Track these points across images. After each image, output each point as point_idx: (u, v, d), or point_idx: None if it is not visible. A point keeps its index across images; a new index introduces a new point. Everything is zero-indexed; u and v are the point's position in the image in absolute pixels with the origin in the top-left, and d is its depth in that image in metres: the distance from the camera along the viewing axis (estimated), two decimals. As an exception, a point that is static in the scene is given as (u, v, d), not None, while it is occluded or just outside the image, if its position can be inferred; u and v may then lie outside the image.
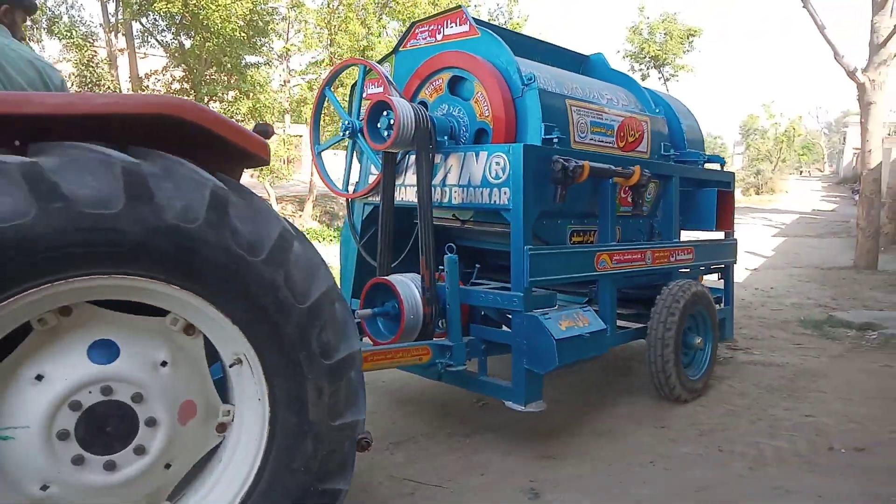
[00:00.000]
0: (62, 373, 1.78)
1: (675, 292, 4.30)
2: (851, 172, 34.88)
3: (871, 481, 3.22)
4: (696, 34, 28.24)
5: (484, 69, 3.79)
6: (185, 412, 1.96)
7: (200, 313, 1.93)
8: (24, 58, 2.62)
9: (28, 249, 1.60)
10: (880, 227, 12.11)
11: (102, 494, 1.86)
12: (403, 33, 4.47)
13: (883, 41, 10.66)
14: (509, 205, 3.47)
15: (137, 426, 1.88)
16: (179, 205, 1.78)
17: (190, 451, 2.02)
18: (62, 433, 1.77)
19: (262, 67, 17.12)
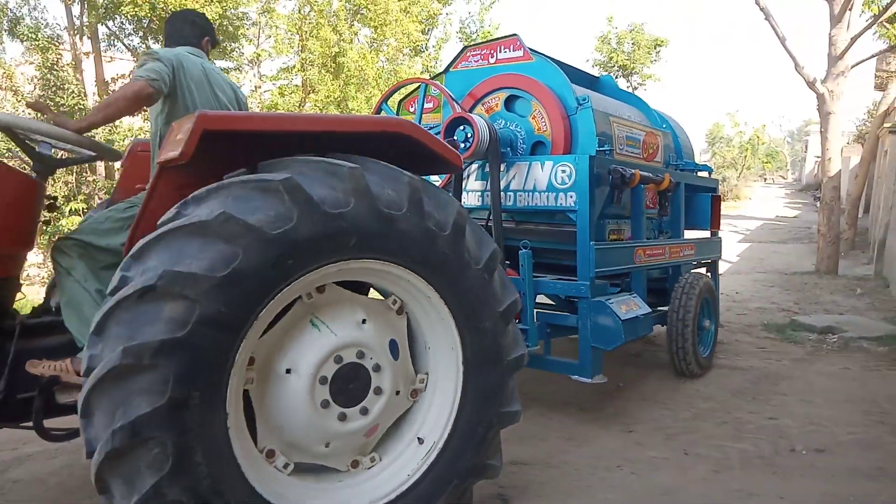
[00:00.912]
0: (337, 329, 2.30)
1: (691, 282, 5.04)
2: (813, 180, 35.82)
3: (831, 482, 3.30)
4: (663, 44, 28.73)
5: (542, 90, 4.38)
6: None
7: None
8: (225, 79, 3.07)
9: (296, 246, 2.02)
10: (840, 232, 12.43)
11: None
12: (455, 56, 5.00)
13: (840, 53, 10.98)
14: (576, 206, 4.01)
15: (368, 390, 2.34)
16: (389, 199, 2.20)
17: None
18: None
19: (232, 72, 16.91)
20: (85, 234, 2.65)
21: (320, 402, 2.23)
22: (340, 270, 2.23)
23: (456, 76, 4.90)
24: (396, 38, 21.27)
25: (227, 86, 3.07)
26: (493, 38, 4.92)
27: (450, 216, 2.39)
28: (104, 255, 2.61)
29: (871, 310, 8.18)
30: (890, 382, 5.07)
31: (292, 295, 2.16)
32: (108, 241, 2.63)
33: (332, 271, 2.20)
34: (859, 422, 4.17)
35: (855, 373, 5.36)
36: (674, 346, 4.93)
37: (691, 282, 5.04)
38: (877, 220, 13.29)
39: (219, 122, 2.07)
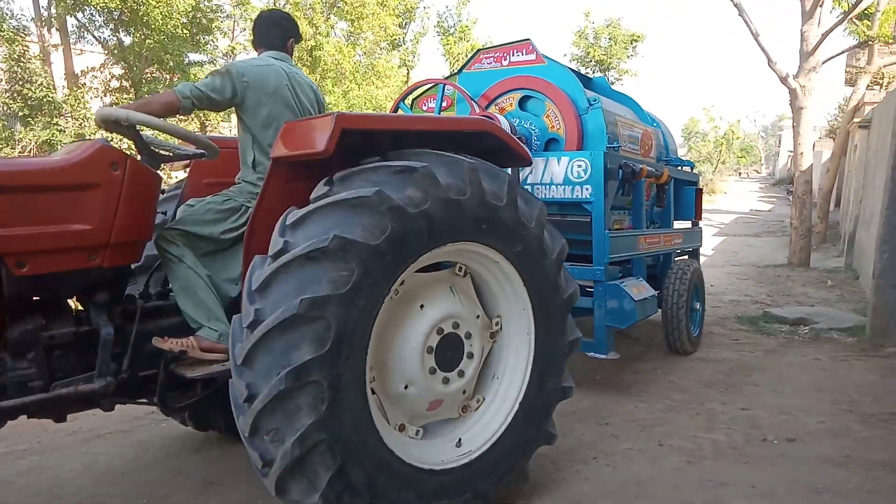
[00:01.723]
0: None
1: (683, 268, 5.57)
2: (786, 174, 36.42)
3: (802, 471, 3.36)
4: (640, 39, 28.96)
5: (555, 91, 4.72)
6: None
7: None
8: (307, 82, 3.26)
9: (431, 225, 2.37)
10: (812, 226, 12.65)
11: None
12: (468, 58, 5.31)
13: (811, 49, 11.15)
14: (591, 198, 4.37)
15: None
16: (493, 190, 2.57)
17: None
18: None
19: (206, 66, 16.65)
20: (188, 224, 2.87)
21: (428, 370, 2.61)
22: (456, 250, 2.59)
23: (469, 77, 5.18)
24: (373, 31, 21.12)
25: (308, 88, 3.24)
26: (506, 42, 5.19)
27: (535, 211, 2.78)
28: (205, 243, 2.90)
29: (841, 301, 8.35)
30: (858, 372, 5.18)
31: (414, 269, 2.47)
32: (210, 230, 2.90)
33: (450, 250, 2.55)
34: (828, 411, 4.25)
35: (825, 363, 5.47)
36: (669, 326, 5.46)
37: (683, 268, 5.57)
38: (847, 214, 13.56)
39: (353, 121, 2.38)
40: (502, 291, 2.86)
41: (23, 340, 2.37)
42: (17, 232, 2.25)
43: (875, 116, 10.85)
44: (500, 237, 2.64)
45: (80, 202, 2.41)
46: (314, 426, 2.11)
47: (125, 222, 2.51)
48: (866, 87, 14.90)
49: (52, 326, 2.48)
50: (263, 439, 2.14)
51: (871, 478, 3.27)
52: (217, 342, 2.76)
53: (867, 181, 10.53)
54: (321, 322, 2.12)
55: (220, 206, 2.96)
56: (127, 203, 2.51)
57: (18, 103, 12.32)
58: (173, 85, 14.45)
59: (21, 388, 2.37)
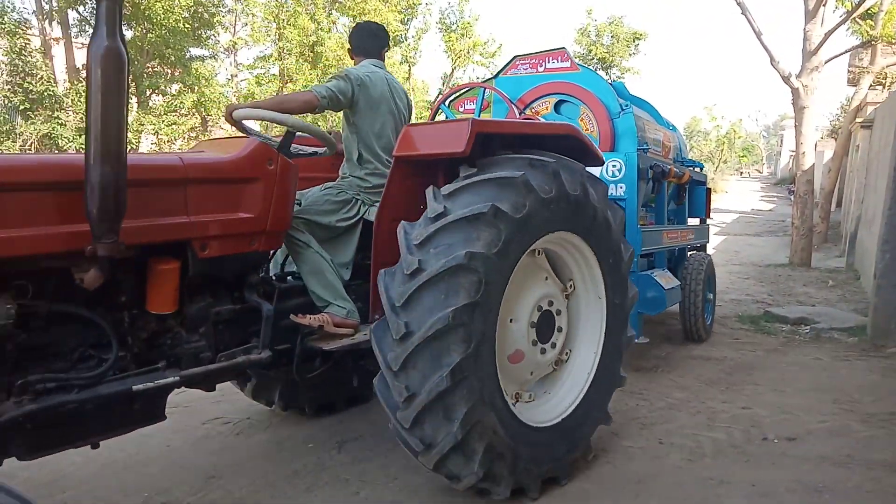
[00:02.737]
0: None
1: (699, 260, 6.03)
2: (788, 173, 36.38)
3: (802, 469, 3.37)
4: (642, 38, 28.92)
5: (589, 96, 5.09)
6: None
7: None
8: (401, 86, 3.57)
9: (530, 223, 2.79)
10: (813, 226, 12.65)
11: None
12: (505, 64, 5.67)
13: (814, 49, 11.13)
14: (625, 195, 4.69)
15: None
16: (573, 185, 2.98)
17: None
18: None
19: (207, 61, 16.64)
20: (311, 213, 3.20)
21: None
22: (546, 241, 3.02)
23: (506, 81, 5.51)
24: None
25: (402, 93, 3.56)
26: (542, 50, 5.56)
27: (600, 192, 3.22)
28: (324, 230, 3.24)
29: (842, 301, 8.35)
30: (859, 372, 5.18)
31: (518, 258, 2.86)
32: (328, 219, 3.25)
33: (551, 238, 3.02)
34: (829, 411, 4.25)
35: (826, 363, 5.47)
36: (687, 314, 5.86)
37: (699, 260, 6.02)
38: (849, 214, 13.55)
39: (482, 126, 2.83)
40: (574, 261, 3.31)
41: (197, 316, 2.68)
42: (201, 219, 2.57)
43: (877, 116, 10.84)
44: (580, 223, 3.11)
45: (245, 194, 2.75)
46: (462, 364, 2.52)
47: (276, 212, 2.84)
48: (869, 86, 14.88)
49: (218, 304, 2.78)
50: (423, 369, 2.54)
51: (871, 477, 3.27)
52: (346, 318, 3.11)
53: (869, 181, 10.52)
54: (476, 275, 2.57)
55: (335, 198, 3.31)
56: (278, 195, 2.84)
57: (20, 97, 12.31)
58: (175, 79, 14.46)
59: (193, 359, 2.67)
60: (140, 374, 2.47)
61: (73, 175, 2.18)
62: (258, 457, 3.55)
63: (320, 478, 3.28)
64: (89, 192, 2.09)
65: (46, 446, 2.09)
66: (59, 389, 2.24)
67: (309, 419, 4.04)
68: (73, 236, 2.19)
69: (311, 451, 3.63)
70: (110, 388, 2.35)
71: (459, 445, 2.58)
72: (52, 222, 2.18)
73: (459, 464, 2.65)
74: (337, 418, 4.09)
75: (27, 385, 2.18)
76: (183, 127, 13.75)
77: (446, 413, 2.54)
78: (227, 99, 16.71)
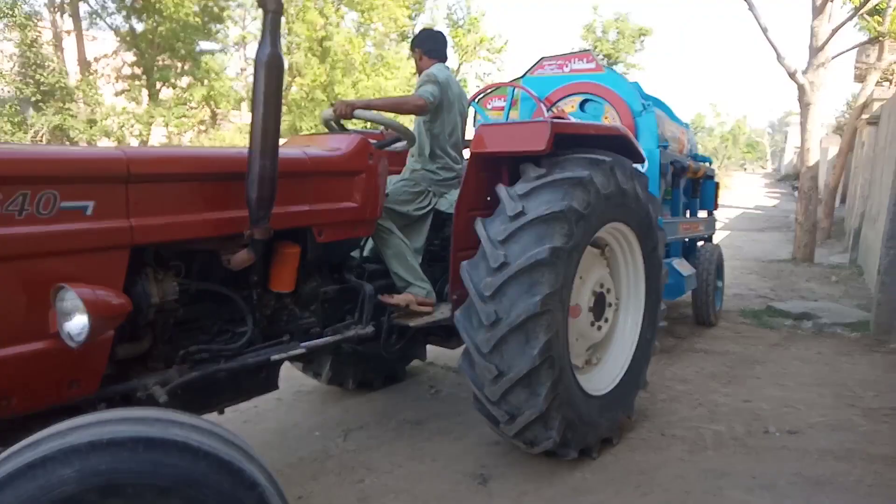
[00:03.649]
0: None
1: (711, 250, 6.46)
2: (792, 170, 36.25)
3: (803, 462, 3.40)
4: (647, 34, 28.83)
5: (613, 96, 5.33)
6: None
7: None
8: (462, 90, 3.88)
9: (594, 217, 3.14)
10: (817, 222, 12.62)
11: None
12: (532, 65, 5.92)
13: (821, 45, 11.08)
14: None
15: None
16: (625, 180, 3.34)
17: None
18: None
19: (217, 54, 16.66)
20: (392, 203, 3.50)
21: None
22: (602, 230, 3.36)
23: (532, 81, 5.75)
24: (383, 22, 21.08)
25: (463, 95, 3.88)
26: (568, 52, 5.86)
27: (644, 191, 3.57)
28: (402, 218, 3.56)
29: (845, 297, 8.35)
30: (861, 367, 5.20)
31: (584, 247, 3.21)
32: (406, 208, 3.60)
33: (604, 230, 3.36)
34: (831, 405, 4.28)
35: (828, 357, 5.49)
36: (699, 300, 6.30)
37: (710, 251, 6.43)
38: (853, 210, 13.53)
39: (560, 128, 3.12)
40: (620, 246, 3.71)
41: (309, 295, 2.95)
42: (319, 207, 2.85)
43: (883, 113, 10.81)
44: (630, 215, 3.50)
45: (351, 185, 3.03)
46: (549, 343, 2.87)
47: (373, 201, 3.12)
48: (875, 83, 14.81)
49: (324, 284, 3.07)
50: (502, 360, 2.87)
51: (871, 471, 3.30)
52: (425, 298, 3.43)
53: (874, 177, 10.51)
54: (556, 267, 2.89)
55: (411, 189, 3.65)
56: (375, 186, 3.11)
57: (31, 88, 12.36)
58: (185, 72, 14.51)
59: (305, 334, 2.93)
60: (272, 346, 2.76)
61: (232, 167, 2.48)
62: (264, 444, 3.59)
63: (325, 465, 3.33)
64: (250, 181, 2.34)
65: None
66: (211, 359, 2.52)
67: (323, 404, 4.09)
68: (230, 221, 2.48)
69: (316, 439, 3.68)
70: (253, 358, 2.63)
71: (541, 416, 2.95)
72: (214, 209, 2.46)
73: (539, 432, 3.02)
74: (343, 406, 4.14)
75: (187, 355, 2.45)
76: (192, 120, 13.78)
77: (532, 389, 2.90)
78: (236, 93, 16.73)
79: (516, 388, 2.89)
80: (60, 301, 1.93)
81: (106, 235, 2.14)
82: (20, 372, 1.96)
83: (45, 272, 2.00)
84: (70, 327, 1.92)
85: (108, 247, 2.16)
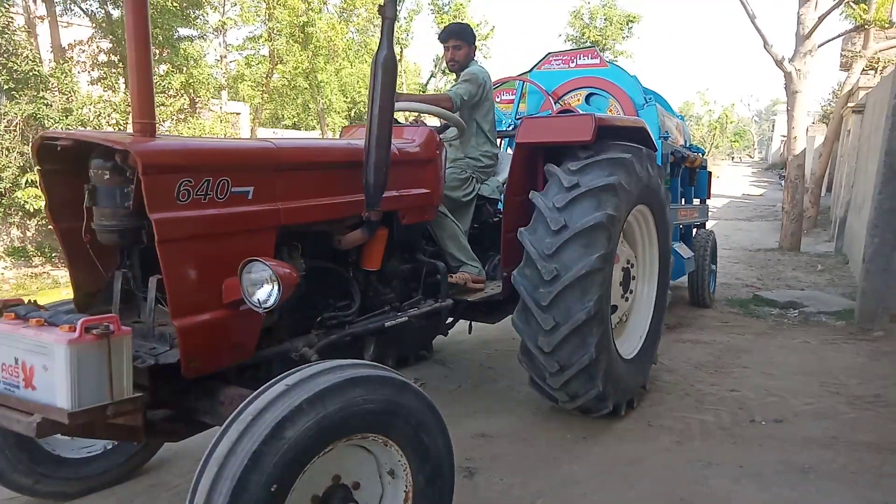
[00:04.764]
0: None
1: (706, 236, 6.91)
2: (779, 159, 36.46)
3: (788, 451, 3.41)
4: (635, 20, 28.75)
5: (617, 90, 5.68)
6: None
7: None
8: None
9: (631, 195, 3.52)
10: (803, 210, 12.70)
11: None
12: (539, 60, 6.20)
13: (808, 32, 11.09)
14: None
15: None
16: (651, 167, 3.81)
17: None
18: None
19: (196, 41, 16.38)
20: (446, 188, 3.67)
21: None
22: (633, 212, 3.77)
23: (539, 75, 6.05)
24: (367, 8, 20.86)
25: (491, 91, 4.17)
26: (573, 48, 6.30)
27: (660, 177, 4.01)
28: (452, 203, 3.77)
29: (830, 285, 8.41)
30: (846, 355, 5.23)
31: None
32: (456, 194, 3.82)
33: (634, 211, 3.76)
34: (816, 393, 4.29)
35: (813, 346, 5.51)
36: (696, 283, 6.73)
37: (705, 236, 6.88)
38: (839, 199, 13.61)
39: (601, 121, 3.49)
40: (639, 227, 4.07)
41: (392, 272, 3.24)
42: (403, 193, 3.11)
43: (869, 101, 10.85)
44: (649, 198, 3.86)
45: (424, 173, 3.32)
46: (600, 298, 3.24)
47: (439, 187, 3.43)
48: (861, 71, 14.87)
49: (403, 263, 3.35)
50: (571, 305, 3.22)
51: (855, 458, 3.31)
52: (478, 276, 3.71)
53: (859, 166, 10.56)
54: (608, 231, 3.27)
55: (460, 176, 3.89)
56: (440, 173, 3.45)
57: (4, 76, 12.06)
58: (163, 59, 14.23)
59: (389, 308, 3.20)
60: (379, 314, 3.10)
61: (351, 157, 2.82)
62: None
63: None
64: (368, 169, 2.67)
65: None
66: (338, 325, 2.85)
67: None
68: (348, 205, 2.81)
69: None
70: (371, 324, 3.00)
71: (587, 368, 3.27)
72: (336, 194, 2.79)
73: (582, 384, 3.36)
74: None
75: (323, 321, 2.80)
76: (171, 108, 13.51)
77: (582, 340, 3.24)
78: (216, 80, 16.49)
79: (570, 339, 3.22)
80: (249, 273, 2.20)
81: (262, 217, 2.45)
82: (205, 337, 2.25)
83: (220, 249, 2.29)
84: (260, 294, 2.20)
85: (263, 227, 2.46)
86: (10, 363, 1.98)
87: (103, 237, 2.27)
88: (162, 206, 2.11)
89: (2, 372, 2.01)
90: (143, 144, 2.14)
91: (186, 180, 2.18)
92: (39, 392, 1.92)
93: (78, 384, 1.86)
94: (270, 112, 23.76)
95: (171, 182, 2.14)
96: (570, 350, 3.24)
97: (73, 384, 1.85)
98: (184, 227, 2.17)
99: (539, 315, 3.23)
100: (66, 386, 1.85)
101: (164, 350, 2.22)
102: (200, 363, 2.24)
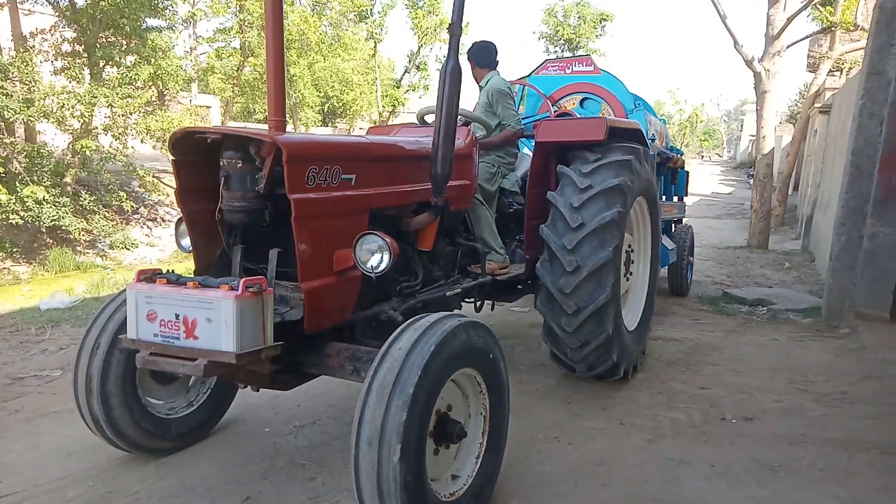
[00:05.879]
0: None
1: (685, 230, 7.51)
2: (747, 158, 37.09)
3: (758, 448, 3.42)
4: (609, 19, 28.96)
5: (609, 95, 6.15)
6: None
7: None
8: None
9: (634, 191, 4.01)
10: (771, 209, 12.90)
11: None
12: (537, 66, 6.66)
13: (777, 33, 11.25)
14: None
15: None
16: (648, 164, 4.37)
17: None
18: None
19: (164, 32, 15.97)
20: (480, 180, 4.10)
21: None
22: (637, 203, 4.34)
23: (537, 80, 6.44)
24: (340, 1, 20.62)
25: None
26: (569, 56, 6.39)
27: (651, 172, 4.48)
28: (484, 193, 4.16)
29: (797, 283, 8.54)
30: (813, 352, 5.29)
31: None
32: (487, 185, 4.25)
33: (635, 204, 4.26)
34: (784, 390, 4.33)
35: (782, 343, 5.57)
36: (675, 273, 7.28)
37: (685, 230, 7.46)
38: (805, 198, 13.86)
39: (612, 123, 4.03)
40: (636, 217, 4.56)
41: (440, 253, 3.66)
42: (452, 184, 3.39)
43: (835, 102, 11.04)
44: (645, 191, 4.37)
45: (465, 166, 3.76)
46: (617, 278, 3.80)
47: (475, 180, 3.92)
48: (827, 73, 15.16)
49: (448, 246, 3.79)
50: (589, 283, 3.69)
51: (823, 455, 3.33)
52: (503, 262, 4.15)
53: (826, 166, 10.74)
54: (619, 226, 3.78)
55: (490, 170, 4.36)
56: (476, 167, 3.92)
57: (-40, 65, 11.59)
58: (130, 50, 13.87)
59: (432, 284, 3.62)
60: (440, 286, 3.61)
61: (420, 152, 3.34)
62: (212, 442, 3.44)
63: (276, 462, 3.20)
64: (435, 161, 3.08)
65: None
66: (410, 294, 3.33)
67: (274, 398, 3.94)
68: (417, 192, 3.29)
69: (267, 435, 3.54)
70: (436, 293, 3.52)
71: (604, 343, 3.80)
72: (409, 182, 3.26)
73: (600, 356, 3.90)
74: (294, 401, 3.99)
75: (402, 289, 3.28)
76: (139, 101, 13.11)
77: (601, 320, 3.74)
78: (185, 72, 16.09)
79: (590, 319, 3.71)
80: (364, 244, 2.69)
81: (362, 201, 2.92)
82: (323, 299, 2.69)
83: (334, 225, 2.75)
84: (373, 261, 2.70)
85: (361, 209, 2.93)
86: (170, 318, 2.40)
87: (232, 217, 2.67)
88: (298, 189, 2.56)
89: (161, 327, 2.42)
90: (285, 138, 2.58)
91: (313, 168, 2.64)
92: (202, 341, 2.35)
93: (241, 331, 2.30)
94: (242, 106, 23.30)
95: (304, 169, 2.60)
96: (590, 329, 3.75)
97: (238, 331, 2.30)
98: (312, 206, 2.62)
99: (563, 301, 3.71)
100: (232, 333, 2.29)
101: (286, 310, 2.65)
102: (318, 321, 2.69)
